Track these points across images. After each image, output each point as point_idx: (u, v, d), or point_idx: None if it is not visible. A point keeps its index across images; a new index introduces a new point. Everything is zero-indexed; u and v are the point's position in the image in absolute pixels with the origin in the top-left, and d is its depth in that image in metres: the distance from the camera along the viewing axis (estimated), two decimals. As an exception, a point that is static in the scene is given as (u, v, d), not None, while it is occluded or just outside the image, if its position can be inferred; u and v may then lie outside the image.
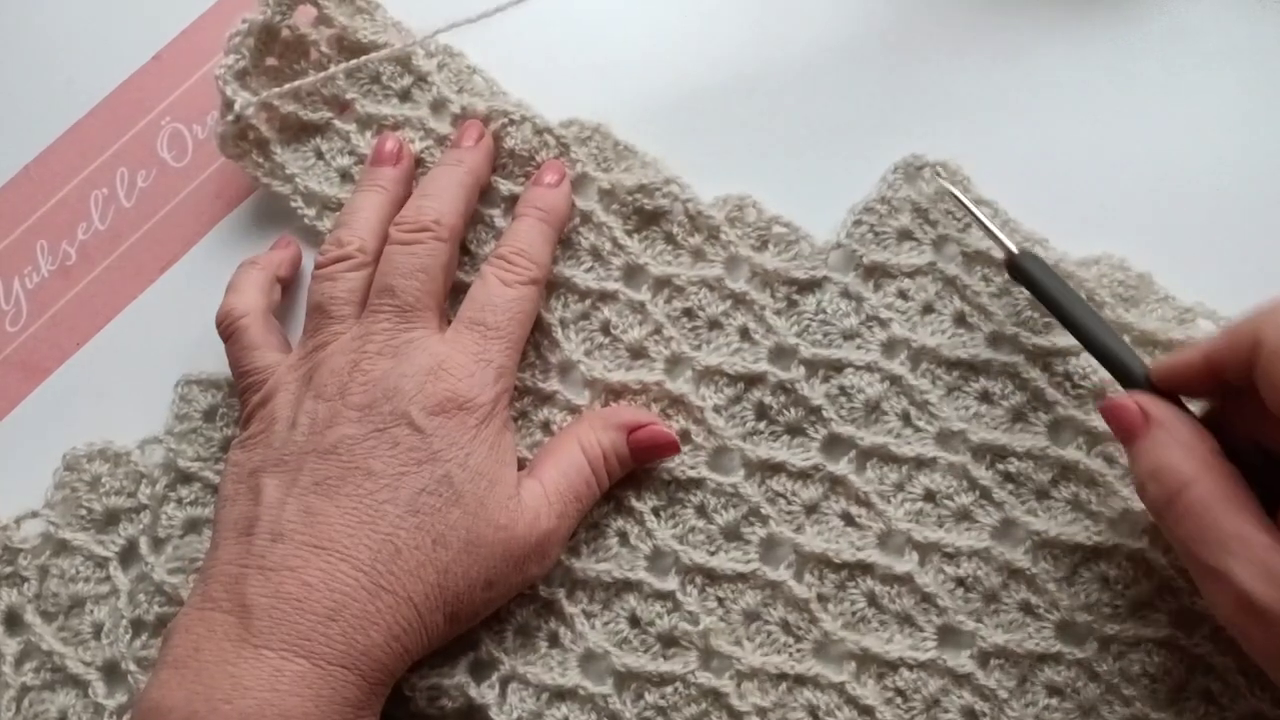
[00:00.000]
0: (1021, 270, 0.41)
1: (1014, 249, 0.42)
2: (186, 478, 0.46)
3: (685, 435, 0.44)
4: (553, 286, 0.46)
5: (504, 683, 0.42)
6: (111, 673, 0.44)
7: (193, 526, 0.45)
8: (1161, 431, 0.36)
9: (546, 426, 0.44)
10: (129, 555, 0.45)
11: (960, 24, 0.48)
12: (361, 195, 0.45)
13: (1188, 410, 0.37)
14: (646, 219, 0.46)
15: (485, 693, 0.41)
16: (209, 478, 0.45)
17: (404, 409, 0.39)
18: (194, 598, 0.38)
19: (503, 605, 0.42)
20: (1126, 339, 0.43)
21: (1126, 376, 0.39)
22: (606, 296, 0.45)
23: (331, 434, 0.39)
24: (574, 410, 0.44)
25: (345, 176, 0.48)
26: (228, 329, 0.45)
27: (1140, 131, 0.46)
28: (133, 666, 0.43)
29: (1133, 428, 0.36)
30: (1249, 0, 0.47)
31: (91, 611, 0.45)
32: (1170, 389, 0.38)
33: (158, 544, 0.45)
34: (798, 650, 0.42)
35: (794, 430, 0.44)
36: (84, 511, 0.45)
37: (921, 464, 0.43)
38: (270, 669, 0.35)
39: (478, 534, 0.39)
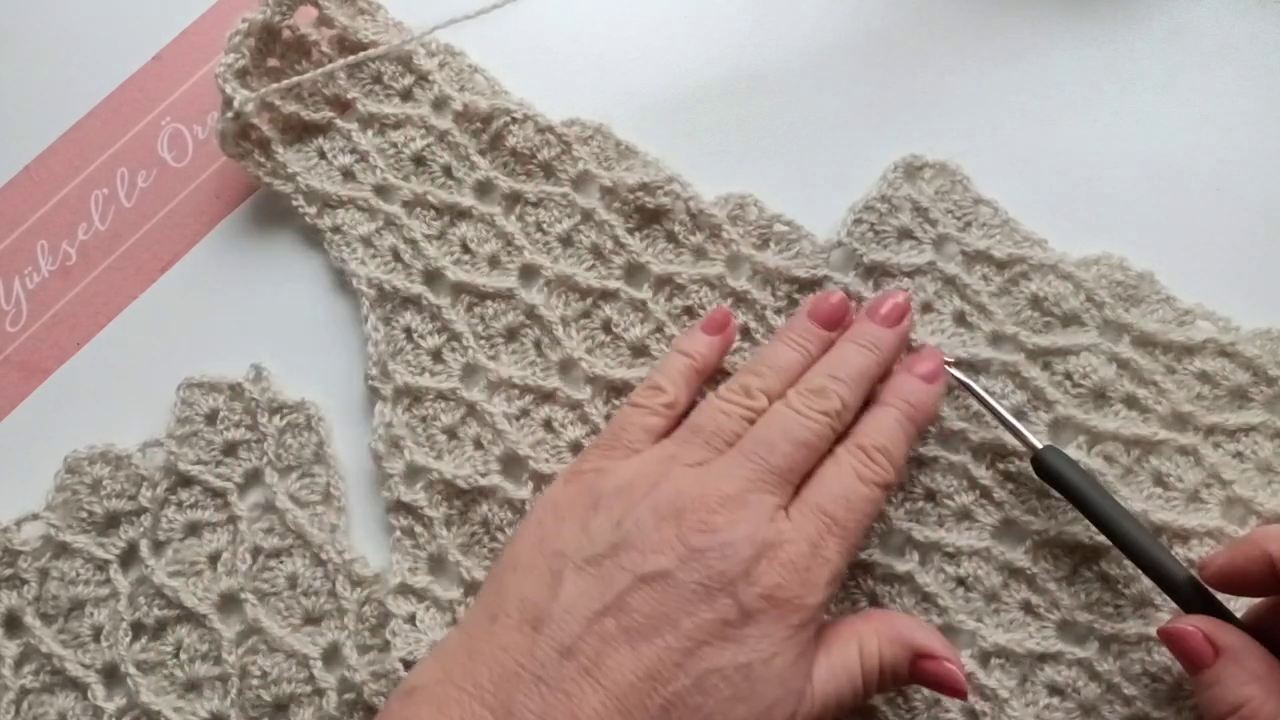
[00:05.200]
0: (1049, 469, 0.40)
1: (1038, 445, 0.40)
2: (187, 481, 0.45)
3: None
4: (554, 284, 0.46)
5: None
6: (111, 675, 0.44)
7: (193, 530, 0.45)
8: (1234, 665, 0.35)
9: (548, 424, 0.45)
10: (129, 558, 0.45)
11: (960, 24, 0.48)
12: (786, 350, 0.42)
13: (1238, 622, 0.36)
14: (648, 217, 0.46)
15: None
16: (209, 481, 0.45)
17: (733, 577, 0.36)
18: (456, 663, 0.36)
19: None
20: (1126, 339, 0.43)
21: (1171, 585, 0.37)
22: (608, 295, 0.45)
23: (655, 561, 0.36)
24: (575, 407, 0.45)
25: (347, 175, 0.48)
26: (655, 406, 0.41)
27: (1140, 131, 0.46)
28: (132, 669, 0.43)
29: (1200, 659, 0.35)
30: (1249, 0, 0.47)
31: (91, 614, 0.44)
32: (1222, 589, 0.37)
33: (158, 547, 0.45)
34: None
35: (795, 430, 0.44)
36: (84, 514, 0.45)
37: (922, 463, 0.43)
38: None
39: None
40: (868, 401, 0.41)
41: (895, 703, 0.41)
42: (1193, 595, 0.37)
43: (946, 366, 0.42)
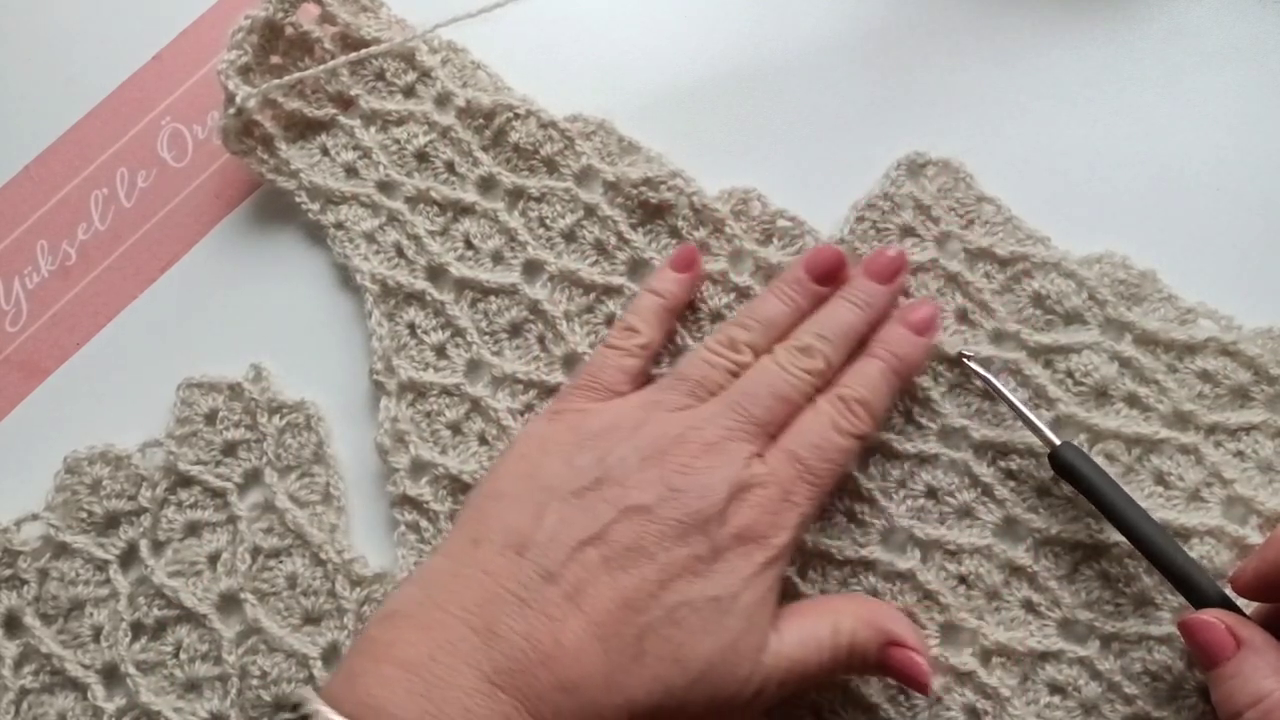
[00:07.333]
0: (1066, 464, 0.39)
1: (1056, 440, 0.40)
2: (186, 481, 0.45)
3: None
4: (557, 280, 0.46)
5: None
6: (111, 675, 0.44)
7: (193, 530, 0.45)
8: (1255, 657, 0.34)
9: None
10: (129, 558, 0.45)
11: (961, 24, 0.49)
12: (775, 304, 0.43)
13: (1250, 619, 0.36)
14: (651, 212, 0.46)
15: None
16: (209, 481, 0.45)
17: (708, 516, 0.37)
18: (439, 586, 0.37)
19: None
20: (1128, 338, 0.43)
21: (1185, 582, 0.37)
22: (611, 290, 0.46)
23: (637, 496, 0.37)
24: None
25: (350, 172, 0.48)
26: (631, 347, 0.43)
27: (1141, 131, 0.46)
28: (132, 669, 0.43)
29: (1222, 650, 0.35)
30: (1249, 0, 0.47)
31: (91, 614, 0.44)
32: (1256, 597, 0.37)
33: (158, 547, 0.45)
34: (801, 648, 0.42)
35: (797, 427, 0.44)
36: (84, 514, 0.45)
37: (924, 460, 0.43)
38: (500, 715, 0.34)
39: (714, 675, 0.36)
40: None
41: (897, 700, 0.41)
42: (1208, 593, 0.37)
43: (965, 359, 0.42)
